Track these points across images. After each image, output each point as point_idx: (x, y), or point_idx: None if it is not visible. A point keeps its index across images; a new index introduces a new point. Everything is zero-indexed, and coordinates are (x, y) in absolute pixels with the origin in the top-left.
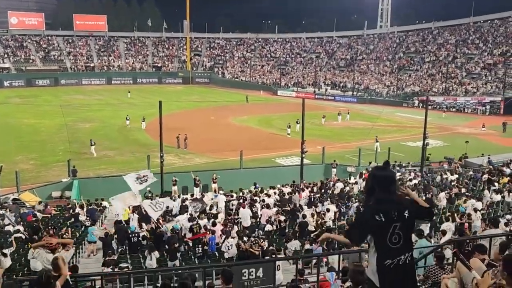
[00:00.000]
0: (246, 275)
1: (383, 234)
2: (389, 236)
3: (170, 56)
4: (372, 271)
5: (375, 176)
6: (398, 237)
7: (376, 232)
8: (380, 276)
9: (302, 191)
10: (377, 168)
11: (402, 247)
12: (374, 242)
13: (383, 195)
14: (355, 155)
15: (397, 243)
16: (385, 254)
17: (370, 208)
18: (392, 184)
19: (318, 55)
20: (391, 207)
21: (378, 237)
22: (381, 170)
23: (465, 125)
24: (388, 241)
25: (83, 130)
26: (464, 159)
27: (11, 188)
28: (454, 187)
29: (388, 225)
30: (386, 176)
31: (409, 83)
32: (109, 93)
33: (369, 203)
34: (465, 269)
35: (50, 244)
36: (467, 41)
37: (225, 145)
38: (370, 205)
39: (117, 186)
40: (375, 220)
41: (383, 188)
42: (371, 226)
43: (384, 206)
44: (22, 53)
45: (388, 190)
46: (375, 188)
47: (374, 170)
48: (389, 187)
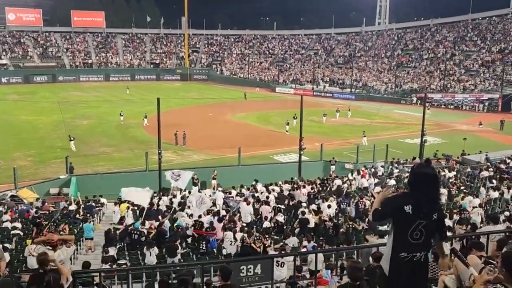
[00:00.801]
0: (244, 272)
1: (405, 226)
2: (411, 231)
3: (168, 53)
4: (386, 259)
5: (415, 173)
6: (420, 234)
7: (399, 222)
8: (391, 266)
9: (303, 187)
10: (419, 165)
11: (421, 245)
12: (394, 232)
13: (419, 191)
14: (353, 152)
15: (417, 239)
16: (402, 246)
17: (403, 196)
18: (431, 183)
19: (316, 52)
20: (422, 204)
21: (400, 227)
22: (422, 168)
23: (463, 122)
24: (409, 235)
25: (81, 127)
26: (462, 156)
27: (9, 184)
28: (452, 184)
29: (413, 219)
30: (426, 174)
31: (407, 80)
32: (107, 90)
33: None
34: (462, 265)
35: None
36: (465, 38)
37: (223, 142)
38: (405, 193)
39: (115, 182)
40: (403, 210)
41: (421, 184)
42: (397, 214)
43: (416, 200)
44: (19, 49)
45: (425, 188)
46: (414, 183)
47: (419, 166)
48: (427, 185)
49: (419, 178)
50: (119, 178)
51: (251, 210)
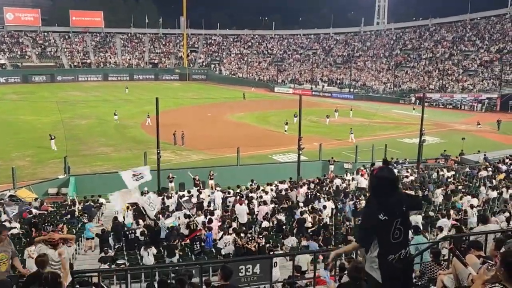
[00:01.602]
0: (243, 271)
1: (387, 231)
2: (392, 232)
3: (167, 53)
4: (373, 267)
5: (376, 178)
6: (399, 232)
7: (380, 230)
8: (382, 271)
9: (301, 187)
10: (378, 169)
11: (402, 242)
12: (378, 240)
13: (384, 195)
14: (352, 152)
15: (398, 238)
16: (388, 249)
17: (373, 209)
18: (393, 185)
19: (315, 51)
20: (392, 205)
21: (382, 234)
22: (382, 171)
23: (462, 121)
24: (391, 237)
25: (79, 127)
26: (460, 156)
27: (8, 184)
28: (451, 184)
29: (391, 222)
30: (386, 178)
31: (406, 80)
32: (105, 90)
33: (372, 202)
34: (461, 265)
35: (52, 239)
36: (463, 38)
37: (222, 142)
38: (373, 205)
39: (113, 182)
40: (379, 220)
41: (384, 189)
42: (377, 226)
43: (386, 204)
44: (18, 49)
45: (389, 191)
46: (376, 189)
47: (375, 172)
48: (391, 188)
49: (378, 183)
50: (117, 178)
51: (246, 209)
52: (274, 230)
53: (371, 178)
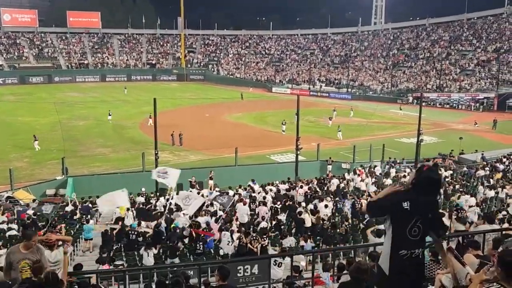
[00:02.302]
0: (241, 272)
1: (403, 223)
2: (410, 227)
3: (165, 53)
4: (385, 258)
5: (423, 176)
6: (418, 230)
7: (397, 218)
8: (391, 264)
9: (301, 188)
10: (428, 168)
11: (419, 241)
12: (392, 229)
13: (421, 192)
14: (350, 152)
15: (416, 236)
16: (401, 244)
17: (402, 194)
18: (433, 186)
19: (312, 52)
20: (420, 202)
21: (398, 224)
22: (433, 172)
23: (459, 121)
24: (407, 232)
25: (77, 128)
26: (458, 156)
27: (5, 186)
28: (449, 183)
29: (411, 216)
30: (432, 178)
31: (403, 79)
32: (103, 90)
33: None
34: (459, 264)
35: (49, 240)
36: (460, 38)
37: (220, 142)
38: (404, 191)
39: (111, 183)
40: (401, 206)
41: (424, 187)
42: (394, 209)
43: (415, 198)
44: (15, 50)
45: (428, 191)
46: (418, 184)
47: (427, 170)
48: (430, 189)
49: (425, 181)
50: (115, 178)
51: (247, 210)
52: (273, 230)
53: (417, 174)
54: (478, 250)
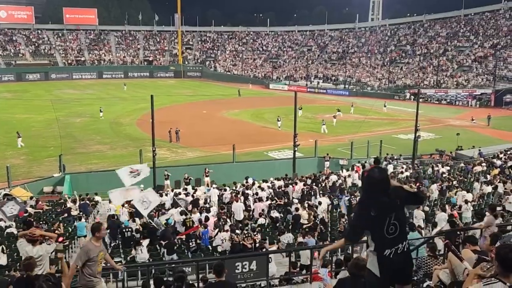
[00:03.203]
0: (239, 268)
1: (380, 227)
2: (386, 227)
3: (161, 50)
4: (372, 262)
5: (367, 179)
6: (395, 227)
7: (373, 226)
8: (380, 266)
9: (296, 184)
10: (369, 170)
11: (398, 236)
12: (371, 235)
13: (376, 194)
14: (347, 148)
15: (394, 233)
16: (383, 245)
17: (364, 205)
18: (384, 185)
19: (309, 48)
20: (385, 202)
21: (375, 230)
22: (372, 173)
23: (456, 117)
24: (385, 232)
25: (74, 125)
26: (455, 152)
27: (2, 183)
28: (445, 179)
29: (383, 218)
30: (377, 178)
31: (401, 76)
32: (100, 87)
33: (364, 200)
34: (456, 260)
35: (33, 235)
36: (458, 34)
37: (217, 139)
38: (364, 202)
39: (109, 180)
40: (370, 216)
41: (376, 189)
42: (368, 222)
43: (377, 201)
44: (11, 47)
45: (381, 191)
46: (368, 189)
47: (366, 174)
48: (382, 188)
49: (370, 184)
50: (113, 176)
51: (242, 206)
52: (270, 227)
53: (362, 179)
54: (476, 245)
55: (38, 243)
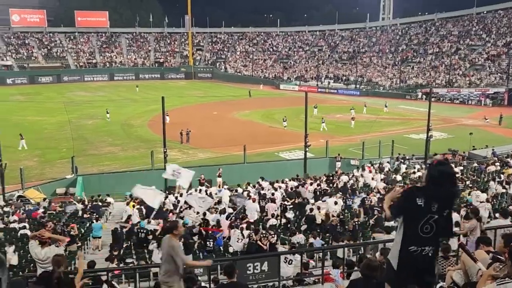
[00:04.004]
0: (251, 269)
1: (416, 220)
2: (422, 224)
3: (172, 52)
4: (394, 254)
5: (435, 170)
6: (431, 228)
7: (410, 214)
8: (400, 260)
9: (311, 185)
10: (438, 162)
11: (430, 239)
12: (404, 225)
13: (434, 186)
14: (358, 148)
15: (427, 233)
16: (412, 240)
17: (415, 190)
18: (447, 180)
19: (320, 48)
20: (435, 199)
21: (410, 220)
22: (441, 165)
23: (469, 116)
24: (419, 228)
25: (86, 127)
26: (469, 151)
27: (16, 185)
28: (459, 179)
29: (424, 213)
30: (444, 172)
31: (412, 75)
32: (111, 89)
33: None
34: (470, 261)
35: (42, 236)
36: (470, 32)
37: (228, 140)
38: (418, 187)
39: (121, 182)
40: (415, 202)
41: (438, 181)
42: (409, 206)
43: (429, 194)
44: (24, 50)
45: (442, 185)
46: (431, 179)
47: (439, 165)
48: (445, 182)
49: (438, 175)
50: (125, 177)
51: (257, 207)
52: (282, 227)
53: (429, 170)
54: (490, 246)
55: (47, 245)
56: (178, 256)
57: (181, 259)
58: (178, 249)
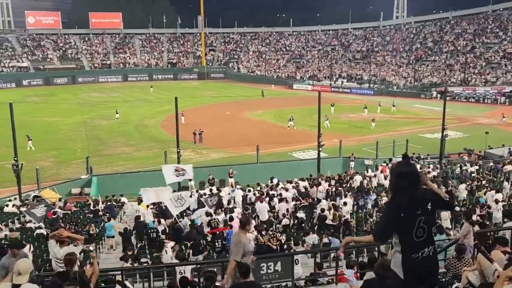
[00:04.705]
0: (264, 269)
1: (409, 230)
2: (415, 231)
3: (185, 52)
4: (396, 264)
5: (398, 173)
6: (423, 230)
7: (402, 228)
8: (404, 269)
9: (320, 184)
10: (398, 164)
11: (426, 240)
12: (399, 238)
13: (407, 191)
14: (372, 148)
15: (421, 237)
16: (411, 248)
17: (394, 206)
18: (414, 180)
19: (333, 47)
20: (415, 203)
21: (404, 233)
22: (403, 167)
23: (485, 115)
24: (414, 236)
25: (100, 127)
26: (485, 150)
27: (32, 185)
28: (474, 179)
29: (413, 220)
30: (409, 172)
31: (427, 74)
32: (125, 90)
33: (394, 199)
34: (486, 261)
35: (60, 235)
36: (486, 30)
37: (241, 140)
38: (394, 202)
39: (135, 182)
40: (400, 217)
41: (405, 185)
42: (397, 224)
43: (408, 202)
44: (39, 52)
45: (410, 186)
46: (397, 185)
47: (396, 167)
48: (412, 183)
49: (399, 179)
50: (139, 177)
51: (267, 207)
52: (295, 227)
53: (390, 174)
54: (506, 246)
55: (66, 244)
56: (238, 254)
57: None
58: (240, 248)
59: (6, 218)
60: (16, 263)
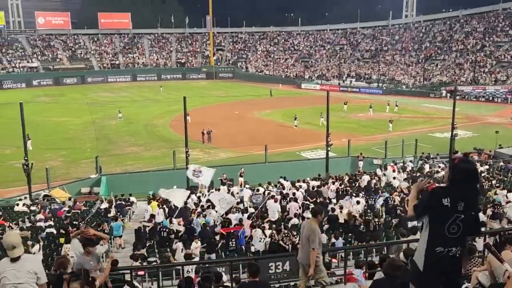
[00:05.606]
0: (273, 269)
1: (443, 220)
2: (449, 224)
3: (194, 52)
4: (420, 254)
5: (457, 168)
6: (457, 228)
7: (436, 215)
8: (426, 260)
9: (333, 184)
10: (460, 159)
11: (457, 239)
12: (429, 225)
13: (460, 186)
14: (381, 147)
15: (454, 234)
16: (438, 240)
17: (441, 190)
18: (471, 178)
19: (342, 47)
20: (460, 198)
21: (436, 221)
22: (463, 162)
23: (495, 114)
24: (445, 229)
25: (109, 127)
26: (495, 150)
27: (42, 184)
28: (485, 178)
29: (451, 213)
30: (467, 169)
31: (436, 73)
32: (134, 90)
33: (446, 187)
34: (496, 261)
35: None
36: (496, 29)
37: (249, 139)
38: (443, 187)
39: (144, 181)
40: (441, 202)
41: (461, 180)
42: (435, 207)
43: (455, 193)
44: (49, 52)
45: (466, 183)
46: (454, 178)
47: (458, 162)
48: (468, 180)
49: (460, 173)
50: (147, 176)
51: (278, 207)
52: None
53: (449, 167)
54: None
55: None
56: (315, 242)
57: (316, 244)
58: (316, 236)
59: (17, 217)
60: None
